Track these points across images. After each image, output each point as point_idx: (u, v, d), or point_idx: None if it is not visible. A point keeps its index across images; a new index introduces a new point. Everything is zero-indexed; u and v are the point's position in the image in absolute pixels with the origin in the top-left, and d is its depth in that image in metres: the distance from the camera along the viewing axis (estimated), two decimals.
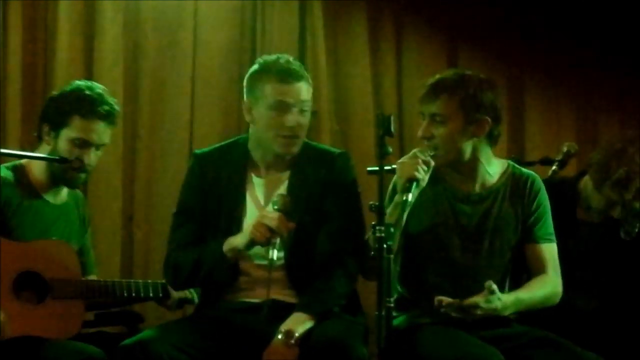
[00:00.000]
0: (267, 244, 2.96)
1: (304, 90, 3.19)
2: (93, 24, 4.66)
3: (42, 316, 3.22)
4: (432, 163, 3.13)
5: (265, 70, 3.21)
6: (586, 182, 3.76)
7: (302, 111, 3.19)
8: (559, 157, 4.03)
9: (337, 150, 3.41)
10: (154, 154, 4.74)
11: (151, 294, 3.49)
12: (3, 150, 3.37)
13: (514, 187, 3.30)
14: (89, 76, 4.60)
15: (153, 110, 4.77)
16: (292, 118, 3.15)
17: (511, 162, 3.39)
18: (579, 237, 3.76)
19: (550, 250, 3.29)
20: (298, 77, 3.18)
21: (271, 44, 4.82)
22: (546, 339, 3.13)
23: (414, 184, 3.06)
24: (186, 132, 4.76)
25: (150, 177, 4.72)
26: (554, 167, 4.00)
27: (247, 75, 3.31)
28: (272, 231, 2.95)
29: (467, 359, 2.92)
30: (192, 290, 3.51)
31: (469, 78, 3.24)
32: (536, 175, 3.37)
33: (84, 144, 3.36)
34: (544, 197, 3.32)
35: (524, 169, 3.40)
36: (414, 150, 3.16)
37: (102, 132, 3.40)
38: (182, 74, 4.79)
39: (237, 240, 3.07)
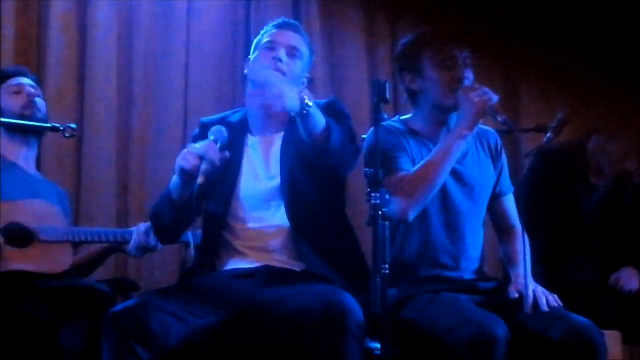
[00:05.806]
0: (197, 171, 2.95)
1: (295, 38, 3.26)
2: None
3: (32, 254, 3.39)
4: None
5: (267, 25, 3.32)
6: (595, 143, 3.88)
7: (291, 55, 3.23)
8: (554, 125, 4.04)
9: (323, 101, 3.37)
10: (149, 123, 4.73)
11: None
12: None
13: (481, 140, 3.30)
14: (83, 45, 4.59)
15: (148, 79, 4.75)
16: (278, 55, 3.19)
17: None
18: (593, 202, 3.80)
19: (512, 200, 3.31)
20: (291, 27, 3.28)
21: (266, 11, 4.79)
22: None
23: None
24: (181, 101, 4.74)
25: (145, 147, 4.71)
26: (548, 134, 4.01)
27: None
28: (201, 158, 2.95)
29: (470, 325, 2.80)
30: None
31: None
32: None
33: None
34: (503, 150, 3.36)
35: None
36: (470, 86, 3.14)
37: None
38: (176, 43, 4.77)
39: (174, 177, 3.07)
